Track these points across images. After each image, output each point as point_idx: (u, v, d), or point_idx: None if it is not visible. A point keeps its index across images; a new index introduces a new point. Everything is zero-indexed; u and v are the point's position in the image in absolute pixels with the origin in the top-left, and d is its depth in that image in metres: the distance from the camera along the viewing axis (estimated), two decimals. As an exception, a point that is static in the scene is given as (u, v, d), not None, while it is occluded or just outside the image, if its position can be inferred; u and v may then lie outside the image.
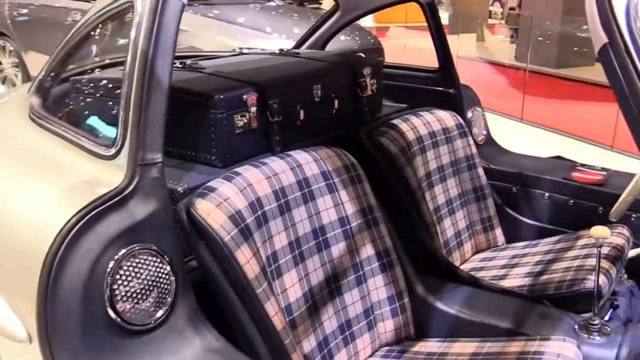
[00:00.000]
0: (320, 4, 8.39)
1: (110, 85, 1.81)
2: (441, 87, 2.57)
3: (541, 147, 5.14)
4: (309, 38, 2.71)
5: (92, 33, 1.71)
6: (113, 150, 1.33)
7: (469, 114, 2.60)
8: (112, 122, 1.64)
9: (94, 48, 2.05)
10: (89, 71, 2.08)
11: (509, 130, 5.74)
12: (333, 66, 2.17)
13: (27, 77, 6.50)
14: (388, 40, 8.98)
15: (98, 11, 1.63)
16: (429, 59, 2.65)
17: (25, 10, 6.40)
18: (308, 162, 1.67)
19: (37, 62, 6.30)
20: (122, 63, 1.40)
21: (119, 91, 1.39)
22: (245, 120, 1.73)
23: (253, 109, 1.74)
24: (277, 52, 2.43)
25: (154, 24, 1.31)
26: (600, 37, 0.95)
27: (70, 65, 1.99)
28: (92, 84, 1.87)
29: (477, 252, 2.38)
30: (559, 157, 3.72)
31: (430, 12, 2.45)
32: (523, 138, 5.70)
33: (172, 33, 1.33)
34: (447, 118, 2.37)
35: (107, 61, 2.19)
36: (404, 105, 2.48)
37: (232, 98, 1.68)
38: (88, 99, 1.87)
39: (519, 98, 6.70)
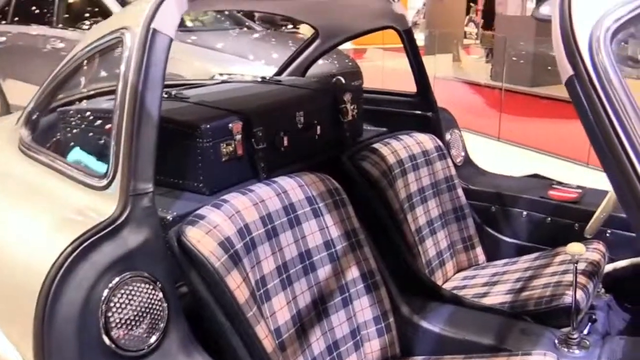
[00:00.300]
0: (298, 28, 8.50)
1: (98, 116, 1.85)
2: (420, 110, 2.64)
3: (519, 165, 5.24)
4: (289, 65, 2.77)
5: (81, 67, 1.75)
6: (105, 181, 1.37)
7: (448, 136, 2.67)
8: (101, 152, 1.68)
9: (83, 80, 2.09)
10: (77, 102, 2.12)
11: (486, 149, 5.84)
12: (314, 93, 2.23)
13: (5, 104, 6.48)
14: (366, 62, 9.12)
15: (87, 46, 1.68)
16: (407, 80, 2.71)
17: (3, 39, 6.41)
18: (293, 187, 1.71)
19: (16, 90, 6.30)
20: (110, 92, 1.44)
21: (107, 122, 1.42)
22: (231, 148, 1.77)
23: (238, 137, 1.79)
24: (260, 80, 2.48)
25: (143, 59, 1.36)
26: (566, 69, 1.02)
27: (58, 96, 2.03)
28: (79, 115, 1.90)
29: (458, 270, 2.43)
30: (536, 175, 3.80)
31: (408, 39, 2.53)
32: (501, 156, 5.80)
33: (160, 67, 1.38)
34: (426, 141, 2.43)
35: (93, 92, 2.22)
36: (384, 129, 2.54)
37: (218, 127, 1.73)
38: (76, 130, 1.90)
39: (496, 117, 6.83)
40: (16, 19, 6.45)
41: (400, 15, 2.44)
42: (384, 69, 7.95)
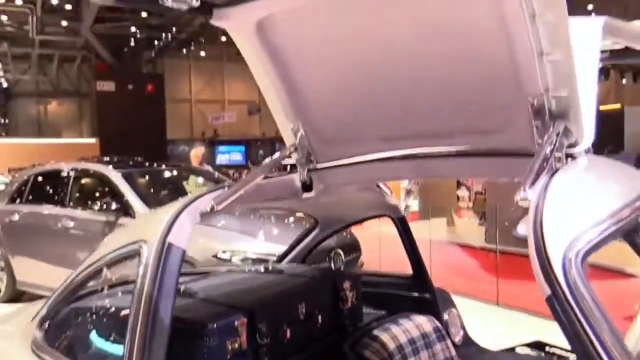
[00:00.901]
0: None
1: (110, 313, 1.95)
2: (417, 292, 2.74)
3: (520, 332, 5.21)
4: (290, 252, 2.92)
5: (98, 274, 1.89)
6: None
7: (445, 316, 2.75)
8: (112, 349, 1.76)
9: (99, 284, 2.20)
10: (90, 298, 2.21)
11: (485, 316, 5.82)
12: (315, 282, 2.35)
13: (12, 281, 6.54)
14: (363, 231, 9.34)
15: (106, 254, 1.82)
16: (402, 248, 2.80)
17: (15, 217, 6.64)
18: None
19: (24, 267, 6.40)
20: (120, 284, 1.54)
21: (119, 318, 1.52)
22: (236, 345, 1.85)
23: (243, 333, 1.88)
24: (262, 270, 2.61)
25: (159, 270, 1.50)
26: (545, 289, 1.15)
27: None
28: (92, 312, 2.00)
29: None
30: (537, 342, 3.78)
31: (402, 226, 2.70)
32: (501, 324, 5.77)
33: (174, 276, 1.52)
34: (424, 323, 2.51)
35: (105, 286, 2.33)
36: (383, 311, 2.62)
37: (225, 326, 1.83)
38: (88, 326, 1.99)
39: (493, 281, 6.87)
40: (30, 197, 6.74)
41: (394, 205, 2.63)
42: (380, 235, 8.14)
